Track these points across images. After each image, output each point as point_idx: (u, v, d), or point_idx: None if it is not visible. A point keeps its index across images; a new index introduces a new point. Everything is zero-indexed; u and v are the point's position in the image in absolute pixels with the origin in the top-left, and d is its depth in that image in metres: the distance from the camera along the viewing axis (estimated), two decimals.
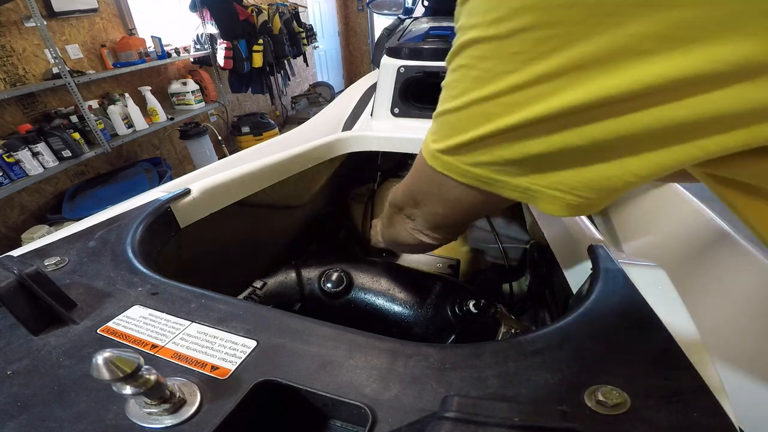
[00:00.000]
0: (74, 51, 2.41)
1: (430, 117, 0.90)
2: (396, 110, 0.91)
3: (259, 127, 3.45)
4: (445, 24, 0.97)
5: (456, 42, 0.24)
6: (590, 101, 0.19)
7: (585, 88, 0.19)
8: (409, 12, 1.21)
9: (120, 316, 0.34)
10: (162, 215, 0.50)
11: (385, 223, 0.51)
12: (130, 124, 2.56)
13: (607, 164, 0.23)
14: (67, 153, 2.13)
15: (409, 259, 0.90)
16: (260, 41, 3.25)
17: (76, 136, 2.20)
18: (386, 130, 0.87)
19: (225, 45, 3.10)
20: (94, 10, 2.50)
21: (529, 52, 0.20)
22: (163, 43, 2.89)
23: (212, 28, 3.13)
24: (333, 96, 4.57)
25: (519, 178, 0.26)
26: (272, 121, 3.56)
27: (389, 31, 1.04)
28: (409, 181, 0.39)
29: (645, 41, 0.17)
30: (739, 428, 0.23)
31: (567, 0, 0.18)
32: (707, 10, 0.16)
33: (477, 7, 0.22)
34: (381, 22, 5.34)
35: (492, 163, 0.26)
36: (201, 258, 0.60)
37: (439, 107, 0.28)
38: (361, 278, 0.61)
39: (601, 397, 0.24)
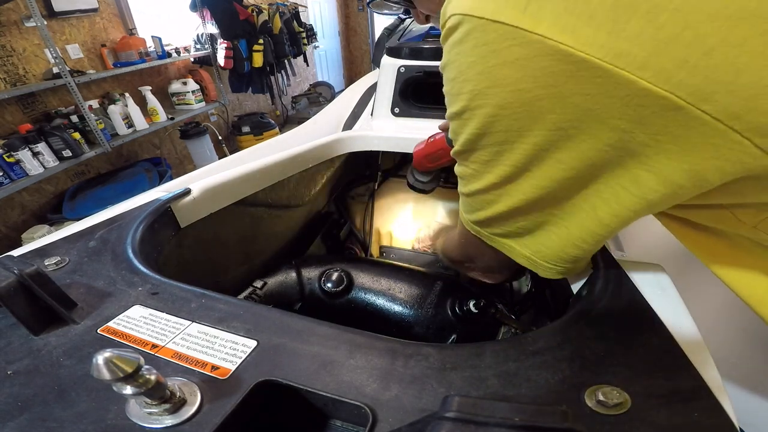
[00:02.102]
0: (74, 51, 2.41)
1: (430, 116, 0.91)
2: (396, 110, 0.91)
3: (260, 126, 3.44)
4: None
5: (455, 149, 0.33)
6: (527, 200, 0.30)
7: (519, 189, 0.29)
8: (409, 12, 1.20)
9: (120, 316, 0.34)
10: (162, 215, 0.50)
11: (445, 261, 0.62)
12: (130, 124, 2.56)
13: (564, 239, 0.32)
14: (67, 153, 2.13)
15: (407, 259, 0.90)
16: (260, 41, 3.25)
17: (77, 135, 2.19)
18: (386, 130, 0.87)
19: (225, 45, 3.10)
20: (94, 10, 2.50)
21: (489, 162, 0.29)
22: (164, 42, 2.89)
23: (212, 28, 3.12)
24: (333, 96, 4.57)
25: (523, 249, 0.35)
26: (272, 121, 3.56)
27: (389, 31, 1.04)
28: (459, 243, 0.49)
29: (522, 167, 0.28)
30: (740, 428, 0.23)
31: (482, 140, 0.28)
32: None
33: (456, 130, 0.31)
34: (381, 22, 5.33)
35: (503, 234, 0.35)
36: (201, 258, 0.60)
37: (460, 189, 0.36)
38: (362, 278, 0.61)
39: (601, 397, 0.24)
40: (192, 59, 3.20)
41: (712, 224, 0.32)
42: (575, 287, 0.42)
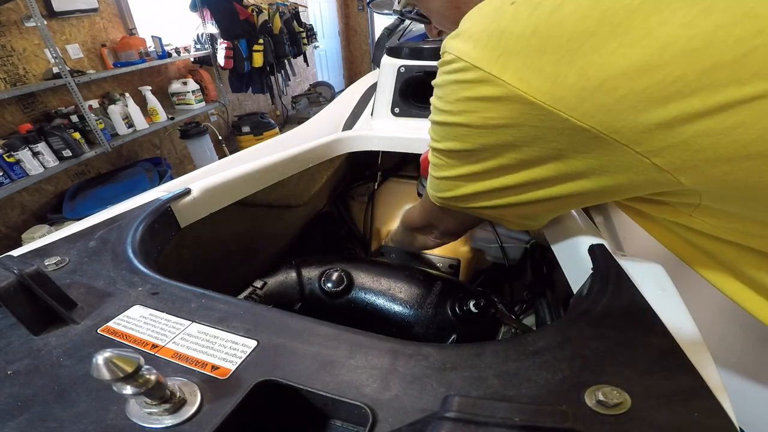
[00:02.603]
0: (74, 51, 2.41)
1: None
2: (396, 110, 0.91)
3: (260, 126, 3.44)
4: None
5: (432, 144, 0.40)
6: (485, 188, 0.38)
7: (485, 182, 0.37)
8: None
9: (120, 316, 0.34)
10: (162, 215, 0.50)
11: (400, 236, 0.74)
12: (130, 124, 2.56)
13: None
14: (67, 153, 2.13)
15: (407, 259, 0.90)
16: (260, 41, 3.25)
17: (77, 135, 2.19)
18: (386, 130, 0.87)
19: (225, 45, 3.10)
20: (94, 10, 2.50)
21: (462, 159, 0.37)
22: (164, 42, 2.89)
23: (212, 28, 3.12)
24: (333, 96, 4.57)
25: (487, 212, 0.43)
26: (272, 121, 3.56)
27: (389, 31, 1.04)
28: (423, 211, 0.60)
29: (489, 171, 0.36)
30: (740, 428, 0.23)
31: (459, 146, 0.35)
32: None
33: (437, 132, 0.38)
34: (381, 22, 5.33)
35: (466, 208, 0.43)
36: (201, 258, 0.60)
37: (431, 171, 0.43)
38: (362, 278, 0.61)
39: (601, 397, 0.24)
40: (192, 59, 3.20)
41: (660, 215, 0.37)
42: (575, 287, 0.42)
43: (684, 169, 0.26)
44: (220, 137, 3.09)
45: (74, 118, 2.27)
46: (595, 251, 0.40)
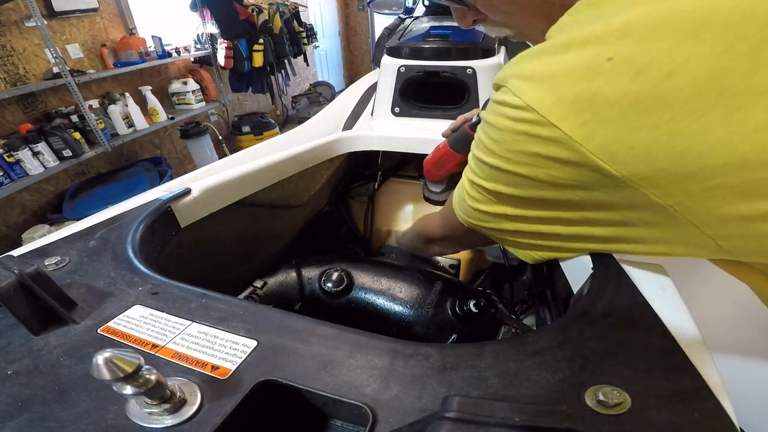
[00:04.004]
0: (74, 50, 2.41)
1: (430, 116, 0.91)
2: (396, 109, 0.91)
3: (260, 126, 3.44)
4: (445, 23, 0.97)
5: (473, 179, 0.38)
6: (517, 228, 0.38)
7: (533, 227, 0.37)
8: (409, 11, 1.20)
9: (120, 316, 0.34)
10: (162, 215, 0.50)
11: (412, 243, 0.72)
12: (130, 124, 2.56)
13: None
14: (67, 152, 2.13)
15: (407, 259, 0.90)
16: (261, 41, 3.24)
17: (77, 135, 2.19)
18: (387, 130, 0.87)
19: (225, 44, 3.09)
20: (94, 10, 2.49)
21: (510, 202, 0.35)
22: (164, 42, 2.89)
23: (212, 28, 3.12)
24: (333, 95, 4.57)
25: (510, 247, 0.44)
26: (273, 121, 3.55)
27: (390, 31, 1.03)
28: (444, 224, 0.56)
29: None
30: (740, 428, 0.23)
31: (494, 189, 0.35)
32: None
33: (484, 171, 0.36)
34: (381, 22, 5.33)
35: (500, 238, 0.43)
36: (201, 257, 0.60)
37: (466, 199, 0.42)
38: (362, 278, 0.61)
39: (601, 397, 0.24)
40: (192, 59, 3.20)
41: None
42: (575, 287, 0.42)
43: (746, 252, 0.27)
44: (220, 137, 3.09)
45: (74, 118, 2.27)
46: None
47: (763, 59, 0.20)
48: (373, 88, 1.08)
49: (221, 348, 0.30)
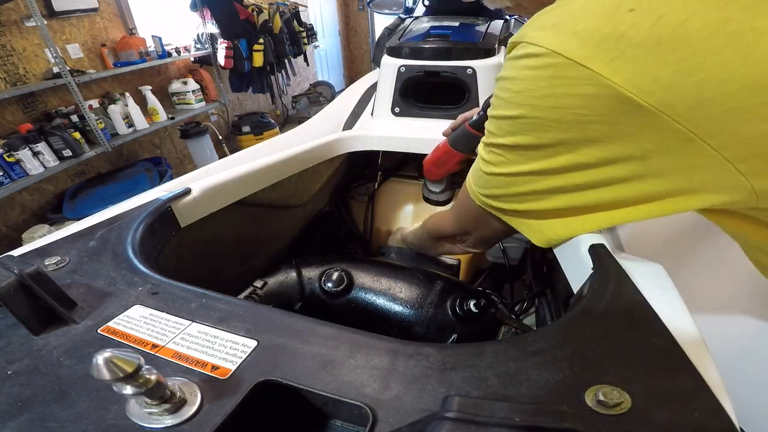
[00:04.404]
0: (75, 50, 2.41)
1: (430, 116, 0.90)
2: (396, 109, 0.91)
3: (260, 126, 3.44)
4: (445, 23, 0.97)
5: (490, 141, 0.40)
6: (555, 186, 0.37)
7: (551, 180, 0.37)
8: (409, 11, 1.20)
9: (120, 316, 0.34)
10: (162, 215, 0.50)
11: (420, 242, 0.71)
12: (130, 124, 2.56)
13: (564, 220, 0.41)
14: (67, 152, 2.13)
15: (407, 259, 0.90)
16: (261, 40, 3.24)
17: (77, 135, 2.19)
18: (387, 130, 0.87)
19: (225, 44, 3.09)
20: (94, 10, 2.50)
21: (529, 155, 0.36)
22: (164, 42, 2.89)
23: (213, 28, 3.12)
24: (333, 95, 4.57)
25: (530, 221, 0.43)
26: (273, 121, 3.55)
27: (390, 31, 1.03)
28: (456, 217, 0.57)
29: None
30: (740, 428, 0.23)
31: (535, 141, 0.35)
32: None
33: (503, 127, 0.37)
34: (381, 22, 5.33)
35: (512, 210, 0.43)
36: (201, 257, 0.60)
37: (479, 167, 0.43)
38: (362, 278, 0.61)
39: (601, 397, 0.23)
40: (192, 59, 3.20)
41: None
42: (575, 287, 0.42)
43: (760, 172, 0.29)
44: (220, 137, 3.09)
45: (74, 118, 2.27)
46: (596, 251, 0.40)
47: (760, 9, 0.25)
48: (373, 88, 1.08)
49: (221, 348, 0.30)
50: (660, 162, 0.32)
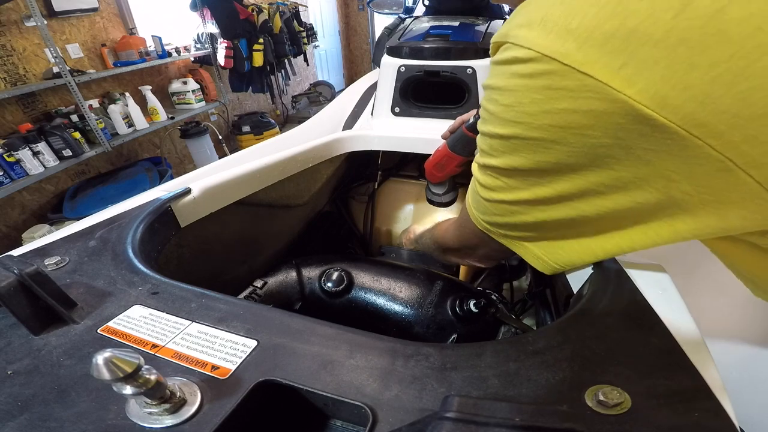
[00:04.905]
0: (75, 50, 2.41)
1: (430, 116, 0.91)
2: (396, 109, 0.91)
3: (260, 126, 3.44)
4: (445, 23, 0.97)
5: (484, 161, 0.34)
6: (558, 218, 0.32)
7: (556, 210, 0.32)
8: (409, 11, 1.20)
9: (120, 316, 0.34)
10: (162, 214, 0.50)
11: (429, 249, 0.65)
12: (130, 124, 2.55)
13: (570, 244, 0.35)
14: (67, 152, 2.12)
15: (407, 259, 0.90)
16: (261, 40, 3.24)
17: (77, 135, 2.19)
18: (387, 129, 0.87)
19: (225, 44, 3.09)
20: (94, 10, 2.49)
21: (530, 181, 0.31)
22: (164, 42, 2.88)
23: (213, 28, 3.12)
24: (333, 95, 4.57)
25: (534, 247, 0.38)
26: (273, 121, 3.55)
27: (390, 30, 1.03)
28: (459, 233, 0.52)
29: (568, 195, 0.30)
30: (740, 428, 0.23)
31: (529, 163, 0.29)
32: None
33: (496, 147, 0.32)
34: (381, 21, 5.33)
35: (518, 237, 0.38)
36: (201, 257, 0.60)
37: (477, 190, 0.38)
38: (362, 278, 0.61)
39: (601, 397, 0.23)
40: (192, 59, 3.20)
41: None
42: (575, 287, 0.42)
43: None
44: (220, 137, 3.09)
45: (74, 118, 2.27)
46: None
47: None
48: (373, 88, 1.08)
49: (221, 348, 0.30)
50: (686, 193, 0.25)
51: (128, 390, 0.22)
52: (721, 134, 0.22)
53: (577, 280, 0.42)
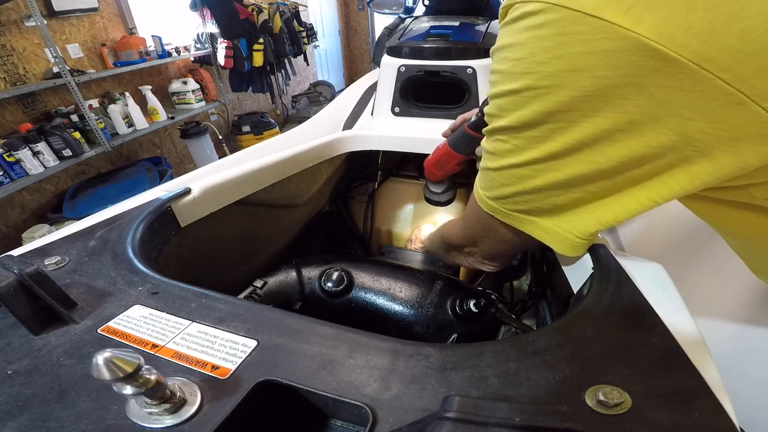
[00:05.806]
0: (74, 50, 2.41)
1: (430, 116, 0.90)
2: (396, 109, 0.91)
3: (260, 126, 3.44)
4: (445, 23, 0.97)
5: (493, 126, 0.34)
6: (578, 174, 0.31)
7: (567, 166, 0.31)
8: (409, 11, 1.20)
9: (120, 316, 0.34)
10: (162, 214, 0.50)
11: (436, 249, 0.63)
12: (130, 123, 2.56)
13: (599, 208, 0.34)
14: (67, 152, 2.13)
15: (407, 259, 0.90)
16: (261, 40, 3.24)
17: (77, 135, 2.19)
18: (387, 129, 0.87)
19: (225, 44, 3.09)
20: (94, 9, 2.49)
21: (539, 136, 0.31)
22: (164, 42, 2.88)
23: (213, 27, 3.12)
24: (333, 95, 4.57)
25: (545, 221, 0.37)
26: (273, 120, 3.55)
27: (390, 30, 1.03)
28: (464, 223, 0.51)
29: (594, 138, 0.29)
30: (740, 428, 0.23)
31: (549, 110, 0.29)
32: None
33: (505, 106, 0.32)
34: (381, 21, 5.33)
35: (527, 210, 0.37)
36: (201, 257, 0.60)
37: (484, 163, 0.38)
38: (362, 277, 0.61)
39: (601, 397, 0.23)
40: (192, 58, 3.20)
41: (727, 198, 0.34)
42: (575, 287, 0.42)
43: None
44: (220, 137, 3.09)
45: (74, 118, 2.27)
46: (596, 251, 0.40)
47: None
48: (373, 88, 1.08)
49: (221, 348, 0.30)
50: (701, 131, 0.26)
51: (128, 390, 0.22)
52: (728, 68, 0.23)
53: (577, 280, 0.42)
